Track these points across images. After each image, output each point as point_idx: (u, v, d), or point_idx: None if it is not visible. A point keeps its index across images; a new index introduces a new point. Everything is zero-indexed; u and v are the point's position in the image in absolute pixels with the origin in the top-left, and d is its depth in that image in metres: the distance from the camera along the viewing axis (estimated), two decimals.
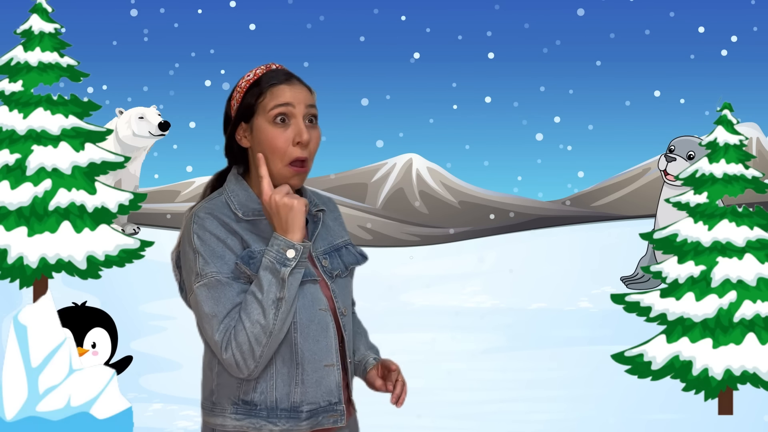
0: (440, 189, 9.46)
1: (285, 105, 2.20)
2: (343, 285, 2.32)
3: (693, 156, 6.92)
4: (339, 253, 2.34)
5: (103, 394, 4.07)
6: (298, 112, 2.21)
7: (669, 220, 6.91)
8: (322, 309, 2.24)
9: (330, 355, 2.25)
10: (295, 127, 2.20)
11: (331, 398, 2.26)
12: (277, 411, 2.23)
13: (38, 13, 6.33)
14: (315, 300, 2.23)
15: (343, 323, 2.30)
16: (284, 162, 2.20)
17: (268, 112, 2.21)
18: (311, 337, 2.23)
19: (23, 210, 6.03)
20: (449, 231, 8.85)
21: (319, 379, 2.24)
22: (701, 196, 5.41)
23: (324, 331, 2.24)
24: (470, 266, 7.69)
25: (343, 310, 2.30)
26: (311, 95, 2.26)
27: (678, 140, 7.03)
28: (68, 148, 6.16)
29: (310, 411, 2.24)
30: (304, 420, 2.24)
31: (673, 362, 5.23)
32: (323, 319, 2.24)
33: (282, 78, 2.23)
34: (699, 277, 5.28)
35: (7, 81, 6.27)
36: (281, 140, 2.19)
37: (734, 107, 5.47)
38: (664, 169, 6.98)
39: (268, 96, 2.21)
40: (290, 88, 2.22)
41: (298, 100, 2.21)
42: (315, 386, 2.24)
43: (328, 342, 2.25)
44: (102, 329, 4.71)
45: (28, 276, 6.02)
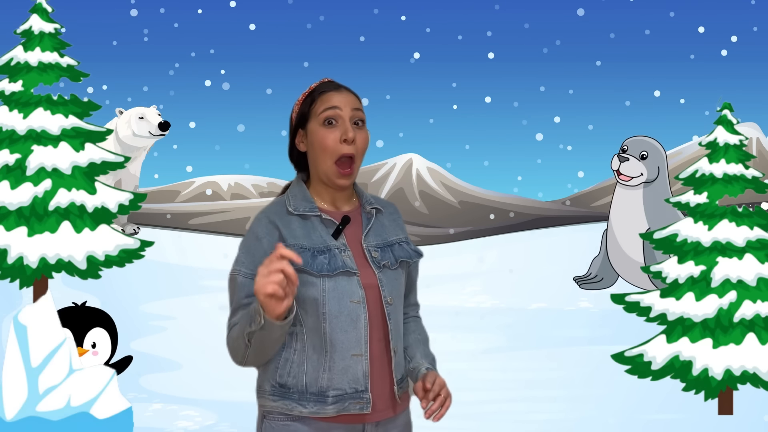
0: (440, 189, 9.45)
1: (332, 108, 2.48)
2: (392, 276, 2.52)
3: (646, 156, 6.92)
4: (391, 248, 2.56)
5: (103, 394, 4.07)
6: (345, 115, 2.48)
7: (622, 221, 6.92)
8: (354, 301, 2.43)
9: (358, 345, 2.43)
10: (341, 127, 2.47)
11: (357, 386, 2.44)
12: (307, 394, 2.43)
13: (38, 13, 6.33)
14: (346, 293, 2.42)
15: (388, 312, 2.48)
16: (333, 159, 2.46)
17: (319, 115, 2.48)
18: (340, 328, 2.42)
19: (23, 210, 6.03)
20: (449, 231, 8.85)
21: (345, 367, 2.42)
22: (701, 196, 5.41)
23: (353, 322, 2.43)
24: (470, 266, 7.69)
25: (389, 299, 2.48)
26: (358, 100, 2.53)
27: (631, 140, 7.02)
28: (68, 148, 6.16)
29: (336, 396, 2.42)
30: (330, 404, 2.42)
31: (673, 362, 5.23)
32: (354, 310, 2.43)
33: (331, 87, 2.52)
34: (699, 277, 5.28)
35: (7, 81, 6.27)
36: (330, 139, 2.46)
37: (734, 107, 5.47)
38: (617, 169, 6.97)
39: (319, 102, 2.50)
40: (338, 93, 2.50)
41: (344, 104, 2.49)
42: (341, 373, 2.42)
43: (357, 333, 2.43)
44: (102, 329, 4.71)
45: (28, 276, 6.02)
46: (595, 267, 7.19)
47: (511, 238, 8.92)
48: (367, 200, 2.60)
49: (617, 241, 7.00)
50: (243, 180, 9.37)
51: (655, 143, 6.99)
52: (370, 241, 2.53)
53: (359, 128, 2.49)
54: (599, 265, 7.15)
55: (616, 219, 6.98)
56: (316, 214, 2.48)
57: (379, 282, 2.47)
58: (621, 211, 6.97)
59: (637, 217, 6.92)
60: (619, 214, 6.98)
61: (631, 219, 6.92)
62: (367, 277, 2.47)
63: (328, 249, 2.44)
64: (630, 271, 6.98)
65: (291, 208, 2.48)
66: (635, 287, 6.85)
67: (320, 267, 2.41)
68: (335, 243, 2.46)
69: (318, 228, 2.47)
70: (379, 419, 2.49)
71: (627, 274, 7.02)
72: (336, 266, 2.42)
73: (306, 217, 2.48)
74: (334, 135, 2.46)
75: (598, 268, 7.16)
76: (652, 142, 6.99)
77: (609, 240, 7.05)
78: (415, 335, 2.69)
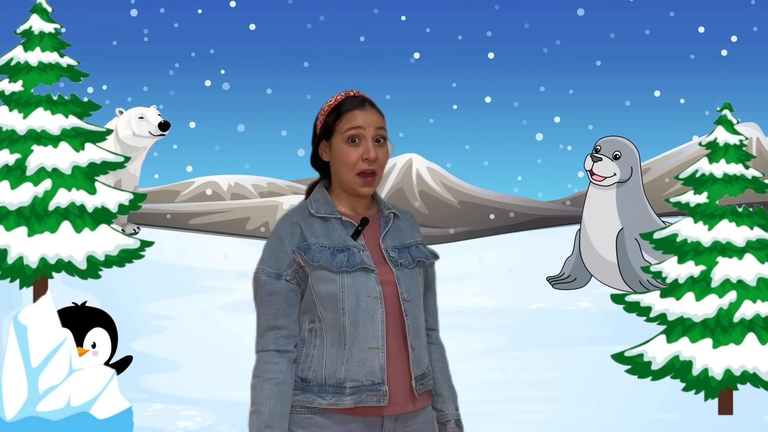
0: (440, 189, 9.45)
1: (357, 128, 2.63)
2: (409, 275, 2.65)
3: (619, 156, 6.92)
4: (408, 249, 2.71)
5: (103, 394, 4.07)
6: (368, 134, 2.63)
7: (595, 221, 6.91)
8: (371, 296, 2.56)
9: (375, 338, 2.55)
10: (364, 146, 2.62)
11: (374, 378, 2.54)
12: (326, 386, 2.54)
13: (38, 13, 6.33)
14: (364, 288, 2.56)
15: (405, 308, 2.60)
16: (354, 173, 2.62)
17: (344, 133, 2.64)
18: (357, 322, 2.54)
19: (23, 210, 6.03)
20: (449, 231, 8.84)
21: (362, 360, 2.53)
22: (701, 196, 5.41)
23: (370, 316, 2.55)
24: (470, 266, 7.68)
25: (406, 296, 2.61)
26: (381, 118, 2.68)
27: (604, 140, 7.02)
28: (68, 148, 6.16)
29: (353, 388, 2.53)
30: (348, 395, 2.52)
31: (673, 362, 5.23)
32: (371, 305, 2.55)
33: (356, 104, 2.67)
34: (699, 277, 5.28)
35: (7, 81, 6.27)
36: (353, 156, 2.62)
37: (734, 107, 5.47)
38: (590, 169, 6.97)
39: (344, 120, 2.64)
40: (362, 113, 2.65)
41: (368, 123, 2.64)
42: (358, 366, 2.53)
43: (374, 327, 2.55)
44: (102, 329, 4.71)
45: (28, 276, 6.02)
46: (568, 267, 7.21)
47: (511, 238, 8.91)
48: (386, 206, 2.76)
49: (590, 241, 7.01)
50: (243, 180, 9.36)
51: (628, 143, 7.00)
52: (388, 242, 2.67)
53: (380, 145, 2.65)
54: (572, 265, 7.16)
55: (589, 219, 6.99)
56: (336, 216, 2.63)
57: (397, 279, 2.60)
58: (594, 211, 6.98)
59: (610, 217, 6.93)
60: (592, 214, 6.99)
61: (604, 219, 6.93)
62: (385, 275, 2.60)
63: (347, 248, 2.59)
64: (603, 271, 6.99)
65: (313, 210, 2.63)
66: (608, 287, 6.88)
67: (339, 264, 2.55)
68: (354, 243, 2.60)
69: (338, 229, 2.62)
70: (398, 413, 2.59)
71: (600, 274, 7.03)
72: (354, 263, 2.56)
73: (327, 219, 2.63)
74: (357, 153, 2.62)
75: (571, 268, 7.17)
76: (625, 142, 7.00)
77: (582, 240, 7.06)
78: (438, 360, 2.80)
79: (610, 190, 6.91)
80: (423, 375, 2.65)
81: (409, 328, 2.60)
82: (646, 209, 6.94)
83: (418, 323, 2.65)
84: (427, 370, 2.69)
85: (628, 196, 6.93)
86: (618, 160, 6.91)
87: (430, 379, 2.70)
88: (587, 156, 6.98)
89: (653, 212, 6.96)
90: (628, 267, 6.84)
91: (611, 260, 6.87)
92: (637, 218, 6.86)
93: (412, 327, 2.61)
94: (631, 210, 6.90)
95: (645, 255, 6.85)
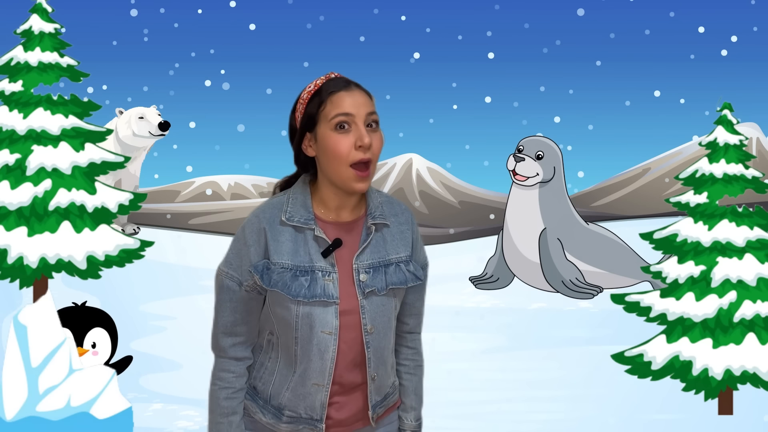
0: (440, 189, 9.45)
1: (345, 114, 2.27)
2: (377, 303, 2.36)
3: (542, 156, 6.93)
4: (386, 270, 2.38)
5: (103, 394, 4.07)
6: (359, 119, 2.28)
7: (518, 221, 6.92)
8: (326, 332, 2.32)
9: (322, 376, 2.35)
10: (356, 131, 2.27)
11: (313, 414, 2.39)
12: (268, 405, 2.43)
13: (38, 13, 6.33)
14: (320, 322, 2.32)
15: (367, 340, 2.36)
16: (347, 164, 2.27)
17: (330, 120, 2.28)
18: (307, 356, 2.34)
19: (23, 210, 6.03)
20: (449, 231, 8.85)
21: (305, 394, 2.37)
22: (701, 196, 5.41)
23: (321, 353, 2.34)
24: (470, 266, 7.67)
25: (369, 328, 2.36)
26: (370, 101, 2.33)
27: (527, 140, 7.04)
28: (68, 148, 6.16)
29: (290, 417, 2.40)
30: (284, 422, 2.41)
31: (673, 362, 5.23)
32: (323, 342, 2.33)
33: (341, 85, 2.30)
34: (699, 277, 5.28)
35: (7, 81, 6.27)
36: (344, 145, 2.27)
37: (734, 107, 5.47)
38: (512, 169, 6.98)
39: (329, 105, 2.28)
40: (349, 94, 2.29)
41: (357, 106, 2.28)
42: (299, 398, 2.38)
43: (322, 364, 2.35)
44: (102, 329, 4.71)
45: (28, 276, 6.02)
46: (490, 267, 7.23)
47: None
48: (373, 211, 2.42)
49: (513, 241, 7.03)
50: (243, 180, 9.36)
51: (550, 143, 7.02)
52: (363, 260, 2.37)
53: (374, 131, 2.32)
54: (495, 265, 7.19)
55: (511, 219, 7.01)
56: (310, 227, 2.34)
57: (361, 309, 2.35)
58: (516, 211, 7.00)
59: (533, 216, 6.95)
60: (515, 214, 7.01)
61: (526, 219, 6.96)
62: (349, 302, 2.35)
63: (312, 270, 2.32)
64: (525, 271, 7.02)
65: (285, 217, 2.34)
66: (531, 287, 6.91)
67: (297, 291, 2.30)
68: (321, 264, 2.33)
69: (309, 243, 2.33)
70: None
71: (522, 273, 7.05)
72: (314, 293, 2.31)
73: (299, 229, 2.34)
74: (348, 140, 2.28)
75: (494, 268, 7.19)
76: (548, 142, 7.02)
77: (504, 240, 7.08)
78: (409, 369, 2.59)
79: (533, 190, 6.95)
80: (384, 397, 2.49)
81: (370, 361, 2.38)
82: (568, 209, 6.97)
83: (385, 351, 2.42)
84: (391, 389, 2.51)
85: (550, 196, 6.96)
86: (540, 160, 6.94)
87: (393, 396, 2.53)
88: (510, 156, 7.01)
89: (576, 212, 7.00)
90: (550, 267, 6.88)
91: (534, 260, 6.91)
92: (560, 218, 6.90)
93: (375, 359, 2.39)
94: (554, 210, 6.93)
95: (567, 255, 6.89)
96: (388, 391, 2.51)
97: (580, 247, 7.01)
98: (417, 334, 2.61)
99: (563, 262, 6.84)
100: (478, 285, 7.19)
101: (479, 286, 7.18)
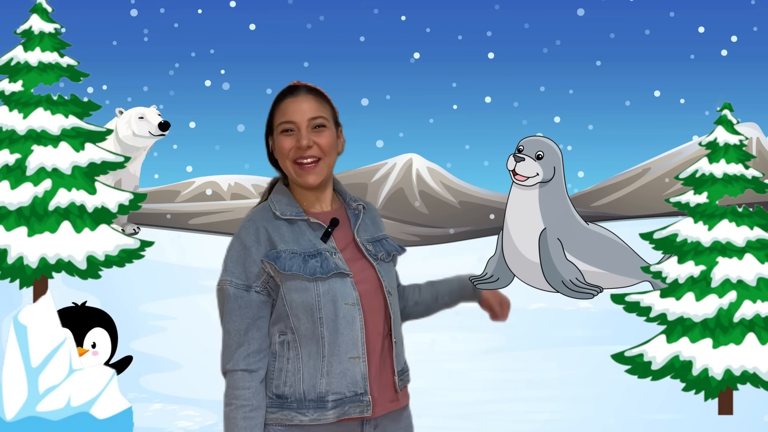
0: (440, 189, 9.46)
1: (287, 122, 2.50)
2: (387, 268, 2.56)
3: (542, 156, 6.92)
4: (381, 243, 2.61)
5: (103, 394, 4.07)
6: (302, 124, 2.50)
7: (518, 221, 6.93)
8: (349, 303, 2.42)
9: (356, 347, 2.42)
10: (296, 135, 2.49)
11: (357, 389, 2.42)
12: (306, 402, 2.40)
13: (38, 13, 6.33)
14: (342, 295, 2.42)
15: (391, 302, 2.52)
16: (291, 160, 2.49)
17: (277, 126, 2.53)
18: (336, 331, 2.40)
19: (23, 210, 6.03)
20: (449, 231, 8.85)
21: (344, 371, 2.41)
22: (701, 196, 5.41)
23: (349, 324, 2.42)
24: (470, 266, 7.66)
25: (390, 290, 2.52)
26: (318, 105, 2.53)
27: (527, 140, 7.03)
28: (68, 148, 6.16)
29: (336, 401, 2.40)
30: (331, 409, 2.40)
31: (673, 362, 5.23)
32: (349, 313, 2.42)
33: (286, 93, 2.56)
34: (699, 277, 5.28)
35: (7, 81, 6.26)
36: (286, 146, 2.50)
37: (734, 107, 5.47)
38: (512, 169, 6.99)
39: (277, 113, 2.54)
40: (293, 102, 2.54)
41: (301, 112, 2.50)
42: (340, 377, 2.40)
43: (353, 335, 2.42)
44: (102, 329, 4.71)
45: (28, 276, 6.02)
46: (490, 267, 7.23)
47: None
48: (352, 198, 2.64)
49: (513, 241, 7.02)
50: (243, 180, 9.37)
51: (550, 143, 7.02)
52: (362, 236, 2.56)
53: (319, 131, 2.51)
54: (495, 265, 7.19)
55: (511, 219, 7.00)
56: (303, 218, 2.48)
57: (379, 273, 2.51)
58: (516, 211, 7.00)
59: (533, 217, 6.94)
60: (515, 214, 7.00)
61: (526, 219, 6.96)
62: (363, 271, 2.49)
63: (319, 252, 2.44)
64: (525, 271, 7.01)
65: (278, 212, 2.48)
66: (531, 287, 6.91)
67: (313, 270, 2.40)
68: (324, 246, 2.46)
69: (306, 232, 2.47)
70: (378, 415, 2.48)
71: (522, 273, 7.04)
72: (329, 269, 2.42)
73: (293, 221, 2.48)
74: (290, 142, 2.49)
75: (494, 268, 7.20)
76: (548, 142, 7.02)
77: (504, 240, 7.09)
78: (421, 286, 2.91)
79: (533, 190, 6.94)
80: (403, 370, 2.56)
81: (394, 323, 2.52)
82: (568, 209, 6.96)
83: (398, 316, 2.58)
84: (405, 366, 2.60)
85: (550, 196, 6.95)
86: (541, 160, 6.93)
87: (408, 373, 2.61)
88: (510, 156, 7.02)
89: (576, 212, 7.01)
90: (550, 267, 6.87)
91: (534, 260, 6.91)
92: (560, 218, 6.89)
93: (395, 320, 2.53)
94: (554, 210, 6.92)
95: (567, 255, 6.89)
96: (404, 366, 2.59)
97: (580, 247, 7.01)
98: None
99: (563, 262, 6.84)
100: (478, 285, 7.18)
101: (479, 286, 7.16)
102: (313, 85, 2.59)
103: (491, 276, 7.23)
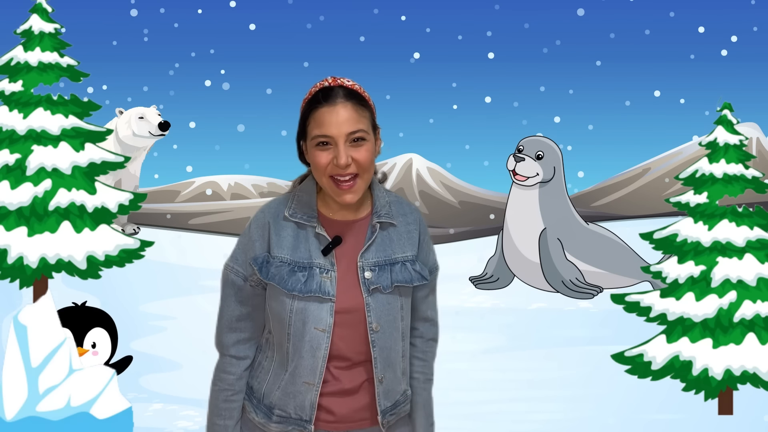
0: (440, 189, 9.45)
1: (323, 136, 2.29)
2: (383, 300, 2.35)
3: (542, 156, 6.93)
4: (391, 268, 2.38)
5: (103, 394, 4.07)
6: (339, 138, 2.28)
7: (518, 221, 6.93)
8: (318, 329, 2.32)
9: (312, 374, 2.34)
10: (334, 150, 2.29)
11: (302, 414, 2.37)
12: (261, 404, 2.42)
13: (38, 13, 6.33)
14: (313, 318, 2.32)
15: (373, 339, 2.34)
16: (327, 176, 2.31)
17: (311, 139, 2.32)
18: (298, 353, 2.34)
19: (23, 210, 6.03)
20: (449, 231, 8.85)
21: (295, 393, 2.36)
22: (701, 196, 5.41)
23: (312, 351, 2.33)
24: (470, 266, 7.68)
25: (375, 326, 2.34)
26: (357, 114, 2.31)
27: (527, 140, 7.05)
28: (68, 148, 6.16)
29: (280, 417, 2.39)
30: (274, 422, 2.41)
31: (673, 362, 5.23)
32: (315, 339, 2.32)
33: (325, 100, 2.30)
34: (699, 277, 5.28)
35: (7, 81, 6.27)
36: (323, 161, 2.30)
37: (734, 107, 5.47)
38: (512, 169, 6.99)
39: (311, 122, 2.32)
40: (331, 112, 2.30)
41: (338, 125, 2.28)
42: (290, 397, 2.37)
43: (313, 362, 2.34)
44: (102, 329, 4.71)
45: (28, 276, 6.02)
46: (491, 267, 7.24)
47: None
48: (379, 210, 2.43)
49: (513, 241, 7.04)
50: (243, 180, 9.36)
51: (550, 143, 7.03)
52: (368, 258, 2.37)
53: (358, 145, 2.33)
54: (495, 265, 7.20)
55: (511, 219, 7.02)
56: (312, 224, 2.37)
57: (366, 307, 2.35)
58: (516, 211, 7.02)
59: (533, 217, 6.97)
60: (515, 214, 7.02)
61: (526, 219, 6.97)
62: (352, 300, 2.34)
63: (310, 266, 2.34)
64: (525, 271, 7.02)
65: (289, 213, 2.38)
66: (531, 287, 6.91)
67: (293, 286, 2.32)
68: (320, 261, 2.35)
69: (309, 239, 2.36)
70: None
71: (522, 273, 7.06)
72: (310, 288, 2.32)
73: (301, 225, 2.38)
74: (327, 157, 2.31)
75: (494, 268, 7.20)
76: (548, 142, 7.03)
77: (504, 240, 7.09)
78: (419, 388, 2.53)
79: (533, 190, 6.97)
80: (395, 404, 2.44)
81: (376, 361, 2.36)
82: (568, 209, 6.98)
83: (393, 352, 2.39)
84: (402, 397, 2.46)
85: (550, 196, 6.97)
86: (540, 160, 6.94)
87: (405, 406, 2.48)
88: (510, 156, 7.02)
89: (576, 212, 7.01)
90: (550, 267, 6.89)
91: (534, 260, 6.92)
92: (560, 218, 6.91)
93: (381, 359, 2.36)
94: (554, 210, 6.94)
95: (567, 255, 6.90)
96: (399, 399, 2.46)
97: (580, 247, 7.01)
98: (429, 341, 2.57)
99: (563, 262, 6.85)
100: (478, 285, 7.19)
101: (479, 286, 7.18)
102: (351, 84, 2.37)
103: (491, 276, 7.24)
